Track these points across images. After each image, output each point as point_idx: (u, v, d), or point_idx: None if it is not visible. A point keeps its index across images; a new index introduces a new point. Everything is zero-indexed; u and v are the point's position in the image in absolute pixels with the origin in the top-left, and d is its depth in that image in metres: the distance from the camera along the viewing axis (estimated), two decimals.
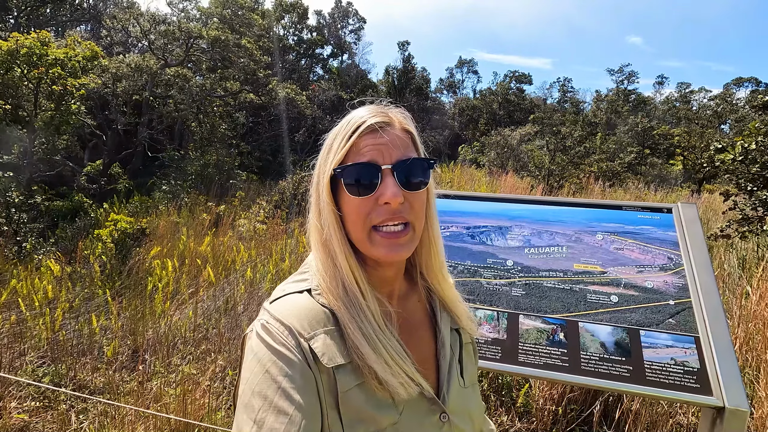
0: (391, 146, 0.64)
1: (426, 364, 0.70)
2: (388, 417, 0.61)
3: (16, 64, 6.96)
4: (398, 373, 0.61)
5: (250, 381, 0.58)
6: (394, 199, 0.62)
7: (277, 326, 0.61)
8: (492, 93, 30.31)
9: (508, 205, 1.63)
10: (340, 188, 0.65)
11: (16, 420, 2.34)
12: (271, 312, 0.63)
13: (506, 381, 2.66)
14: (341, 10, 29.23)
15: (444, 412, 0.67)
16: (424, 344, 0.72)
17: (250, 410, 0.56)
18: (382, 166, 0.63)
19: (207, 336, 3.42)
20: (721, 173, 6.92)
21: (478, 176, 12.65)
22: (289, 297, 0.65)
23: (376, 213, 0.63)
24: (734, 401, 1.10)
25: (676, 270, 1.36)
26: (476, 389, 0.79)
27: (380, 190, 0.63)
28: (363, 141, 0.64)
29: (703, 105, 30.71)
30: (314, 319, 0.62)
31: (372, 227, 0.64)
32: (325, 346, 0.60)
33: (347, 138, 0.65)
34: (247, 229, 6.99)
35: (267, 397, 0.56)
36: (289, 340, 0.59)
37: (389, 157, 0.64)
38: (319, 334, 0.61)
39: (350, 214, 0.65)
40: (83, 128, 10.80)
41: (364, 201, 0.63)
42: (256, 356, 0.60)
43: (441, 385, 0.70)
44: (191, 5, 16.16)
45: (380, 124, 0.65)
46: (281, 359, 0.58)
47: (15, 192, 6.22)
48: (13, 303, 3.61)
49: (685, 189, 14.14)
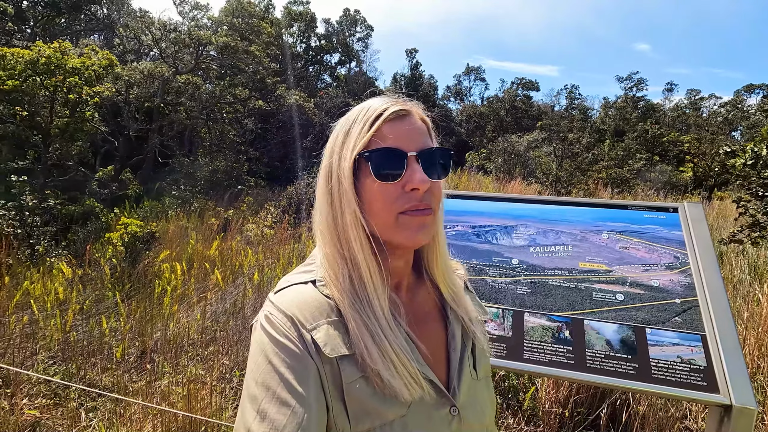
0: (414, 134, 0.65)
1: (436, 356, 0.69)
2: (395, 410, 0.60)
3: (35, 73, 7.14)
4: (403, 374, 0.60)
5: (253, 372, 0.59)
6: (422, 185, 0.62)
7: (280, 317, 0.61)
8: (499, 100, 30.32)
9: (514, 205, 1.64)
10: (362, 174, 0.64)
11: (27, 416, 2.38)
12: (275, 303, 0.63)
13: (513, 383, 2.64)
14: (349, 18, 29.53)
15: (454, 405, 0.66)
16: (434, 336, 0.71)
17: (254, 401, 0.56)
18: (408, 153, 0.63)
19: (214, 338, 3.45)
20: (732, 179, 6.84)
21: (485, 182, 12.63)
22: (293, 288, 0.65)
23: (403, 199, 0.63)
24: (742, 399, 1.09)
25: (683, 269, 1.35)
26: (489, 382, 0.77)
27: (407, 177, 0.63)
28: (386, 127, 0.64)
29: (714, 112, 30.40)
30: (317, 309, 0.62)
31: (399, 213, 0.63)
32: (328, 337, 0.59)
33: (370, 124, 0.64)
34: (255, 233, 7.04)
35: (270, 388, 0.56)
36: (291, 331, 0.59)
37: (414, 144, 0.64)
38: (321, 324, 0.60)
39: (375, 200, 0.64)
40: (96, 135, 10.99)
41: (390, 186, 0.63)
42: (259, 347, 0.60)
43: (451, 378, 0.68)
44: (201, 14, 16.45)
45: (402, 112, 0.65)
46: (283, 350, 0.58)
47: (29, 196, 6.34)
48: (26, 304, 3.67)
49: (695, 196, 13.98)
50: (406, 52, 29.36)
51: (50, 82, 7.26)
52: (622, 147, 17.69)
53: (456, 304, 0.75)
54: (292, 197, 8.65)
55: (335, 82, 25.08)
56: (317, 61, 24.75)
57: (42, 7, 15.31)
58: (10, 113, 7.81)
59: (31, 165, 8.73)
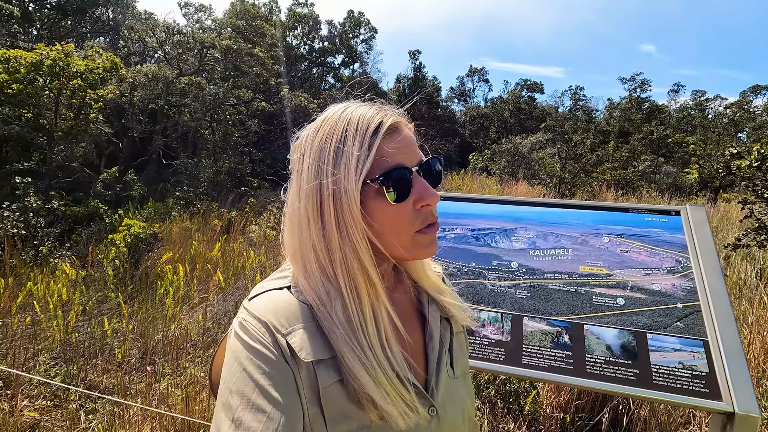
0: (411, 147, 0.64)
1: (415, 356, 0.68)
2: (373, 413, 0.59)
3: (39, 75, 7.20)
4: (398, 401, 0.58)
5: (227, 380, 0.57)
6: (434, 199, 0.61)
7: (254, 323, 0.59)
8: (503, 101, 30.28)
9: (513, 208, 1.62)
10: (367, 197, 0.61)
11: (27, 417, 2.38)
12: (249, 309, 0.62)
13: (513, 388, 2.62)
14: (353, 19, 29.58)
15: (432, 405, 0.65)
16: (413, 336, 0.70)
17: (228, 409, 0.55)
18: (412, 168, 0.61)
19: (216, 339, 3.45)
20: (738, 180, 6.78)
21: (488, 184, 12.60)
22: (267, 293, 0.64)
23: (419, 218, 0.62)
24: (745, 407, 1.07)
25: (685, 273, 1.33)
26: (467, 380, 0.77)
27: (417, 194, 0.61)
28: (385, 144, 0.61)
29: (719, 113, 30.20)
30: (293, 314, 0.60)
31: (415, 232, 0.62)
32: (303, 341, 0.58)
33: (367, 142, 0.60)
34: (258, 235, 7.05)
35: (245, 395, 0.55)
36: (265, 337, 0.58)
37: (414, 158, 0.63)
38: (297, 329, 0.59)
39: (389, 223, 0.61)
40: (100, 136, 11.07)
41: (403, 206, 0.61)
42: (233, 354, 0.59)
43: (429, 378, 0.68)
44: (206, 16, 16.53)
45: (396, 125, 0.63)
46: (258, 357, 0.57)
47: (33, 197, 6.38)
48: (29, 305, 3.69)
49: (701, 197, 13.88)
50: (409, 54, 29.36)
51: (55, 84, 7.31)
52: (627, 148, 17.60)
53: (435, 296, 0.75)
54: None
55: (338, 84, 25.11)
56: (321, 63, 24.82)
57: (48, 9, 15.45)
58: (16, 115, 7.88)
59: (35, 166, 8.79)
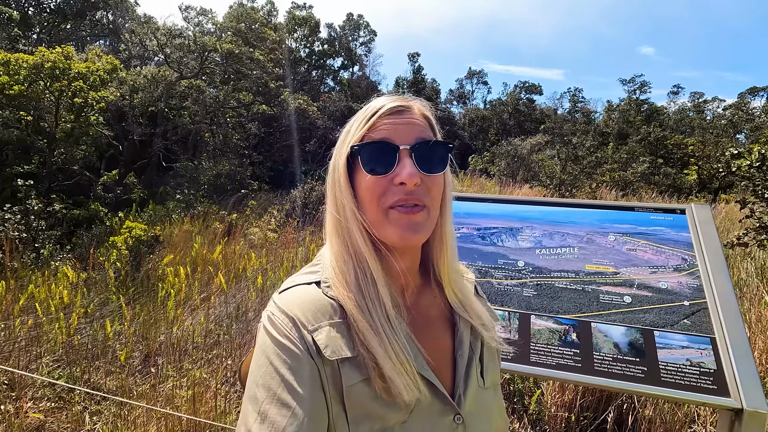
0: (409, 128, 0.64)
1: (442, 362, 0.67)
2: (396, 415, 0.59)
3: (40, 78, 7.20)
4: (402, 373, 0.58)
5: (255, 372, 0.58)
6: (410, 179, 0.61)
7: (282, 318, 0.60)
8: (502, 103, 30.38)
9: (519, 207, 1.63)
10: (356, 168, 0.65)
11: (32, 419, 2.38)
12: (277, 303, 0.63)
13: (518, 387, 2.62)
14: (352, 22, 29.66)
15: (458, 413, 0.64)
16: (440, 342, 0.69)
17: (255, 402, 0.56)
18: (400, 146, 0.62)
19: (218, 341, 3.45)
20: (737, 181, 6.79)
21: (488, 186, 12.62)
22: (297, 288, 0.64)
23: (391, 193, 0.62)
24: (753, 403, 1.08)
25: (691, 271, 1.34)
26: (498, 391, 0.75)
27: (396, 170, 0.62)
28: (381, 122, 0.64)
29: (718, 115, 30.27)
30: (320, 311, 0.61)
31: (388, 207, 0.62)
32: (329, 339, 0.59)
33: (366, 119, 0.65)
34: (259, 237, 7.05)
35: (270, 389, 0.56)
36: (292, 332, 0.59)
37: (407, 137, 0.63)
38: (323, 326, 0.59)
39: (365, 194, 0.63)
40: (101, 139, 11.06)
41: (379, 180, 0.62)
42: (261, 348, 0.60)
43: (457, 385, 0.66)
44: (206, 19, 16.57)
45: (399, 108, 0.65)
46: (284, 351, 0.58)
47: (34, 200, 6.38)
48: (31, 308, 3.68)
49: (700, 198, 13.90)
50: (409, 56, 29.49)
51: (55, 86, 7.32)
52: (626, 150, 17.64)
53: (464, 309, 0.72)
54: (296, 201, 8.66)
55: (338, 87, 25.17)
56: (320, 66, 24.88)
57: (48, 13, 15.48)
58: (16, 118, 7.88)
59: (36, 169, 8.78)
